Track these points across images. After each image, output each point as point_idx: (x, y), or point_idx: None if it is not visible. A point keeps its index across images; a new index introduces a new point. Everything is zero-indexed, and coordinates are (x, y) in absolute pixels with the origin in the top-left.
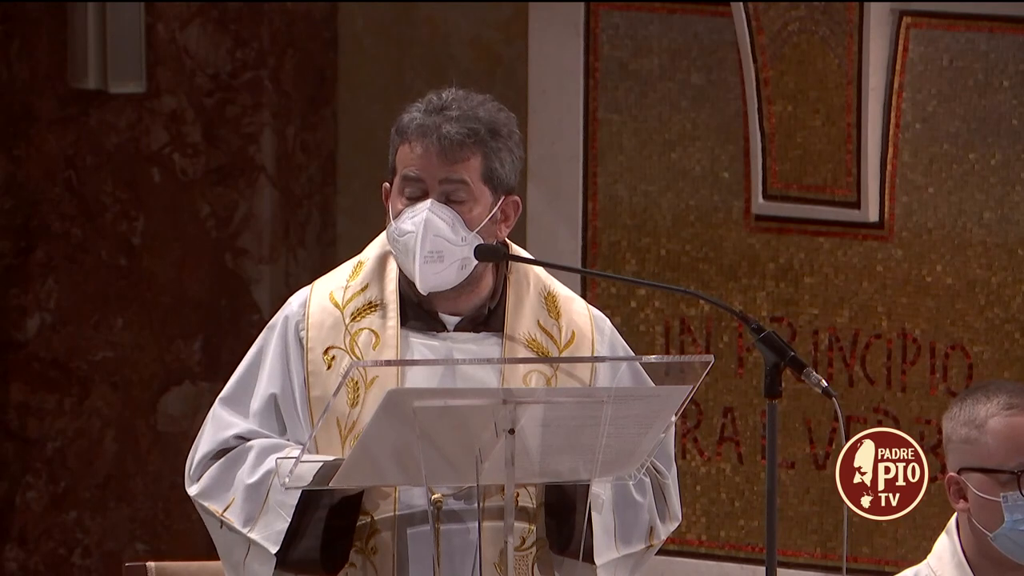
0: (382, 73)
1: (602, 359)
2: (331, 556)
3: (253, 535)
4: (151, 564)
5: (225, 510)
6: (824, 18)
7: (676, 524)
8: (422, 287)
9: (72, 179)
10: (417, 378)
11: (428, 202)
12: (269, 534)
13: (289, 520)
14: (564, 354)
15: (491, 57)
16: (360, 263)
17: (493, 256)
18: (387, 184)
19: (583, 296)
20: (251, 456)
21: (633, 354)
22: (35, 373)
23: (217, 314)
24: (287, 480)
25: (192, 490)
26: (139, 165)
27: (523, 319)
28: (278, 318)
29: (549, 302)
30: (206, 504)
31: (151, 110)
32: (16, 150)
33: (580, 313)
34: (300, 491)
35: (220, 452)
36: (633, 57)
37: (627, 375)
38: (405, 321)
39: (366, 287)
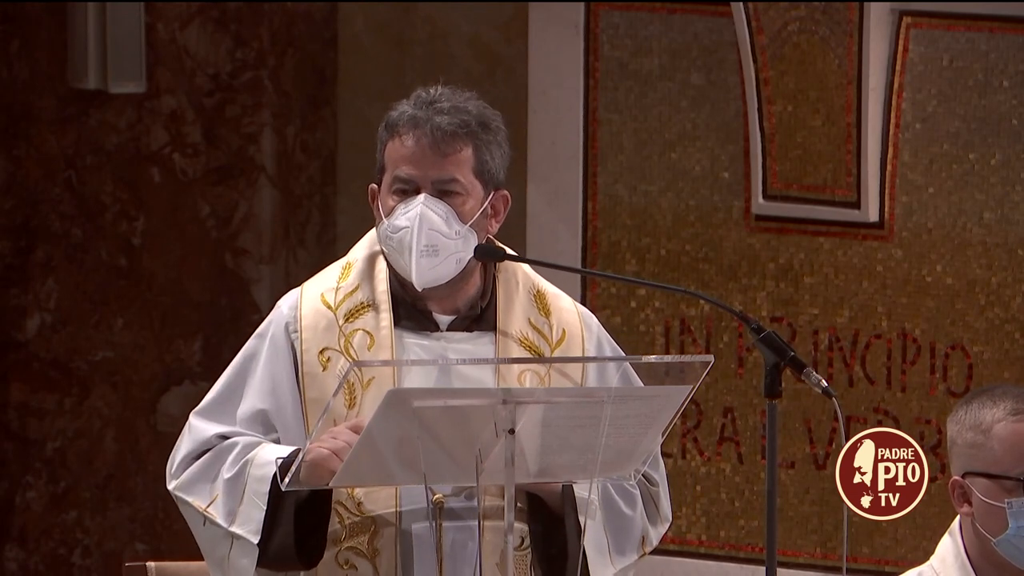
0: (382, 73)
1: (595, 359)
2: (305, 548)
3: (235, 528)
4: (151, 564)
5: (208, 505)
6: (824, 18)
7: (667, 526)
8: (418, 282)
9: (72, 179)
10: (413, 378)
11: (422, 196)
12: (249, 525)
13: (265, 508)
14: (556, 351)
15: (491, 57)
16: (349, 264)
17: (492, 256)
18: (374, 185)
19: (583, 296)
20: (234, 452)
21: (620, 350)
22: (35, 373)
23: (217, 314)
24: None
25: (172, 484)
26: (139, 165)
27: (515, 317)
28: (267, 325)
29: (539, 300)
30: (188, 499)
31: (151, 110)
32: (16, 150)
33: (568, 310)
34: (271, 480)
35: (202, 452)
36: (633, 57)
37: (615, 374)
38: (398, 321)
39: (357, 288)
